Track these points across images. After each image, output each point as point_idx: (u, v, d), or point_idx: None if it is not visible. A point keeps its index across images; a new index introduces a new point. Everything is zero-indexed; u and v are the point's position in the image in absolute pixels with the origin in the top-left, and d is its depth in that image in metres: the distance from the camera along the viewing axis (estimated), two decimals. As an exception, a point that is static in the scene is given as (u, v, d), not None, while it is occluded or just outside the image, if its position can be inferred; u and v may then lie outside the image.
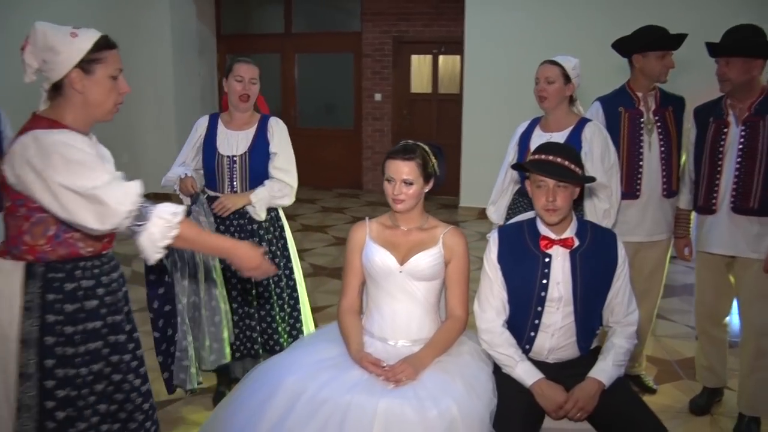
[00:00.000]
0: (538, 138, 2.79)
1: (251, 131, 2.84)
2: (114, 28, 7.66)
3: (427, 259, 2.14)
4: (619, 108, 2.87)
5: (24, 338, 1.65)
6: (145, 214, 1.61)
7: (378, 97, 8.35)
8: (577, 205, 2.75)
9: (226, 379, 2.99)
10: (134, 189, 1.62)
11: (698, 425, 2.89)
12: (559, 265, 2.11)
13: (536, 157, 2.08)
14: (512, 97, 6.15)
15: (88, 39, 1.68)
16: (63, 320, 1.69)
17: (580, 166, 2.08)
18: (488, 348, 2.14)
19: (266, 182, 2.83)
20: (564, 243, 2.11)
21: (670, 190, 2.89)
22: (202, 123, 2.92)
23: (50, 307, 1.67)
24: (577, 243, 2.12)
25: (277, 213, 2.95)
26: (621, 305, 2.16)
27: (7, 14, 5.38)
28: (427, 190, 2.18)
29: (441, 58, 7.97)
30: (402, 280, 2.16)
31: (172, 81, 7.52)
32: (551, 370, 2.11)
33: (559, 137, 2.73)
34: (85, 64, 1.67)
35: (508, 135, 5.01)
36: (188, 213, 2.41)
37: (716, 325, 2.90)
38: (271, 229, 2.89)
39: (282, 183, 2.85)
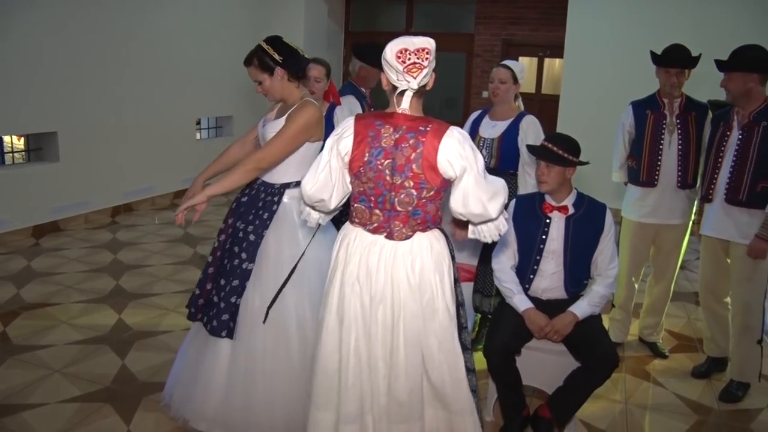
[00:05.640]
0: (486, 124, 3.46)
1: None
2: (252, 25, 8.93)
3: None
4: (646, 111, 3.41)
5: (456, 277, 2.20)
6: None
7: (485, 94, 9.00)
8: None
9: None
10: None
11: (692, 384, 3.37)
12: (556, 226, 2.77)
13: (541, 143, 2.75)
14: (605, 99, 6.60)
15: None
16: None
17: (573, 153, 2.70)
18: (498, 283, 2.84)
19: None
20: (560, 209, 2.77)
21: (685, 183, 3.37)
22: None
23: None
24: (572, 211, 2.77)
25: None
26: (604, 261, 2.77)
27: (164, 12, 6.55)
28: (279, 76, 2.53)
29: (546, 60, 8.48)
30: None
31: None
32: (544, 305, 2.78)
33: (503, 125, 3.40)
34: None
35: (599, 133, 5.72)
36: None
37: (718, 302, 3.36)
38: None
39: None
